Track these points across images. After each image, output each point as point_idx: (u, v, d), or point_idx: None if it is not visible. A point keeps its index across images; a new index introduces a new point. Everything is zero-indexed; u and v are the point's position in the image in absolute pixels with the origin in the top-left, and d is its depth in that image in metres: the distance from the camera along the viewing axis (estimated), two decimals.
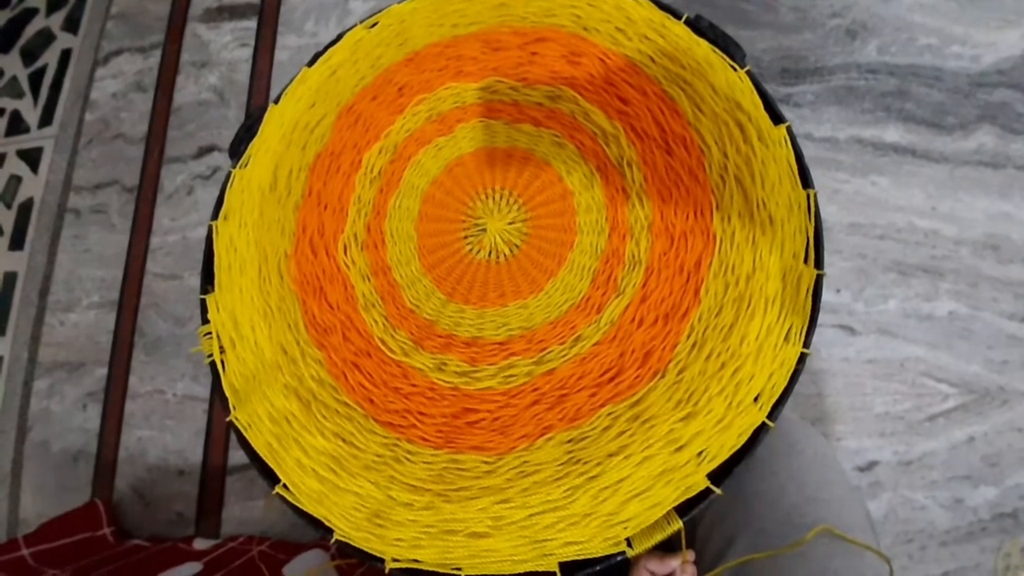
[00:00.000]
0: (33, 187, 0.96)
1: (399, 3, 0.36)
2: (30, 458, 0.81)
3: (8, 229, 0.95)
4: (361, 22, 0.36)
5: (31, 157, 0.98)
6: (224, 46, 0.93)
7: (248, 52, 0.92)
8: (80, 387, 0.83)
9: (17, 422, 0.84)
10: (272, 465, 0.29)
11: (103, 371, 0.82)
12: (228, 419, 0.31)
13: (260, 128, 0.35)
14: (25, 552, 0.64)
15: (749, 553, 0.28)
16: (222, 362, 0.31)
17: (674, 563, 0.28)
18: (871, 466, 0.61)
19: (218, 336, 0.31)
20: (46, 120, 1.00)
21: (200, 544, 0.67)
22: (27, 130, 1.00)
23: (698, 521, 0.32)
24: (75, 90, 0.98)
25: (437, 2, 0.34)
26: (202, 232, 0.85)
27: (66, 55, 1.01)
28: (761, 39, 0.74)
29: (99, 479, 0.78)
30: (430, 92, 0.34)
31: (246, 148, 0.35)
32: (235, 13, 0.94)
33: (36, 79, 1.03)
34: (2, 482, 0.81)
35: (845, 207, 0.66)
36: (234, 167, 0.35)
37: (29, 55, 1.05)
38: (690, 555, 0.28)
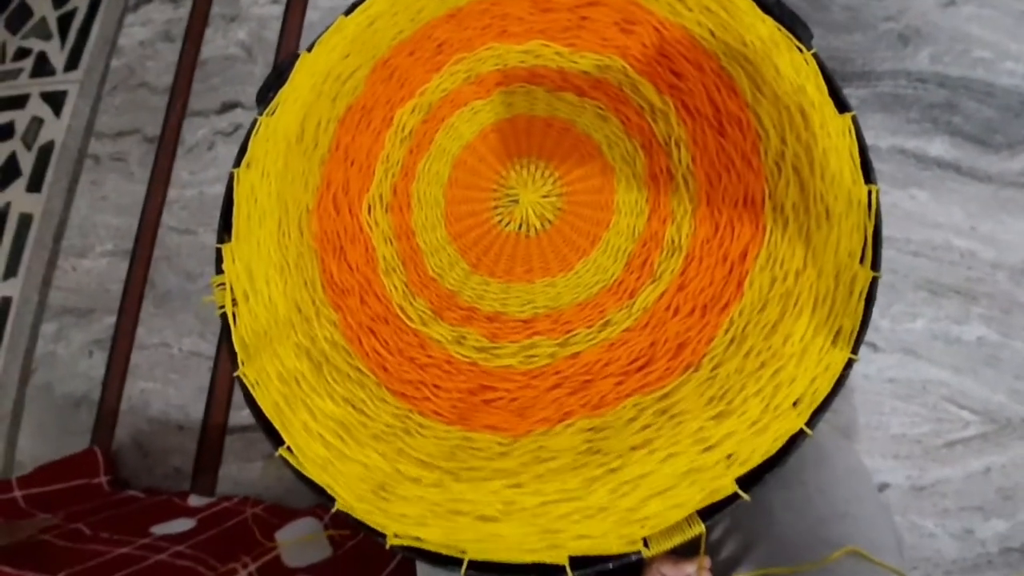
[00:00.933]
0: (54, 130, 0.96)
1: None
2: (32, 400, 0.82)
3: (27, 171, 0.95)
4: None
5: (55, 100, 0.97)
6: (255, 1, 0.91)
7: (279, 9, 0.90)
8: (88, 333, 0.83)
9: (22, 363, 0.85)
10: (278, 426, 0.28)
11: (111, 319, 0.82)
12: (236, 374, 0.30)
13: (291, 76, 0.33)
14: (17, 494, 0.64)
15: (767, 562, 0.26)
16: (234, 315, 0.30)
17: (689, 569, 0.27)
18: (882, 488, 0.59)
19: (231, 288, 0.30)
20: (72, 64, 0.99)
21: (194, 501, 0.67)
22: (52, 72, 0.99)
23: (712, 525, 0.30)
24: (103, 35, 0.97)
25: None
26: (220, 188, 0.84)
27: (96, 1, 1.00)
28: None
29: (100, 427, 0.79)
30: (470, 51, 0.32)
31: (274, 95, 0.34)
32: None
33: (65, 22, 1.02)
34: (0, 421, 0.82)
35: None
36: (260, 114, 0.34)
37: None
38: (707, 561, 0.26)
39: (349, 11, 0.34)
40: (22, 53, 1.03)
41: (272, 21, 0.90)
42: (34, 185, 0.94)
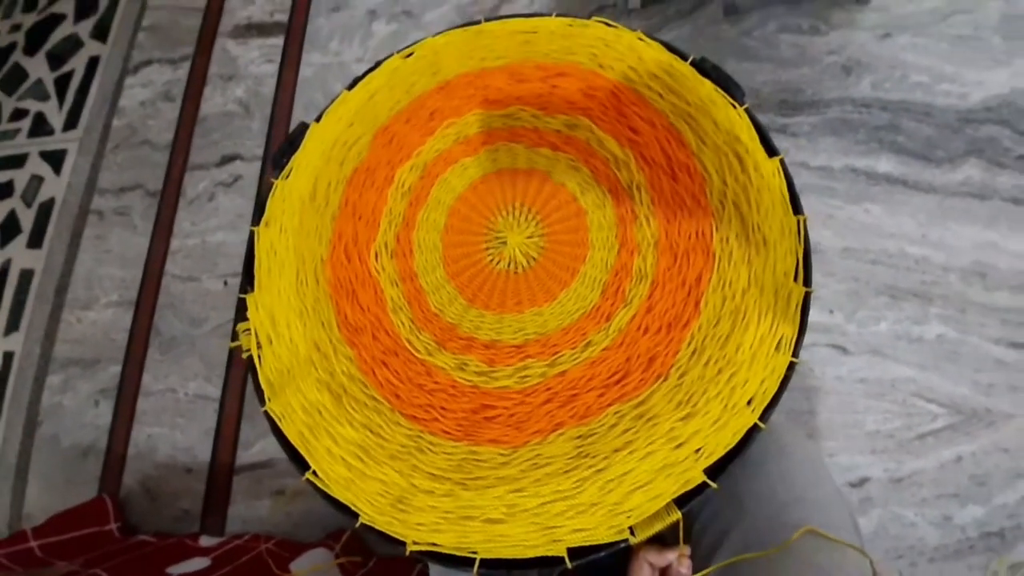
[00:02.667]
0: (55, 188, 0.99)
1: (433, 37, 0.39)
2: (39, 451, 0.83)
3: (27, 227, 0.98)
4: (398, 52, 0.40)
5: (54, 158, 1.01)
6: (251, 61, 0.98)
7: (274, 68, 0.96)
8: (94, 383, 0.85)
9: (26, 415, 0.86)
10: (304, 453, 0.31)
11: (117, 368, 0.84)
12: (263, 409, 0.33)
13: (302, 143, 0.38)
14: (33, 544, 0.65)
15: (741, 547, 0.30)
16: (259, 357, 0.34)
17: (671, 556, 0.30)
18: (862, 482, 0.63)
19: (256, 333, 0.34)
20: (71, 123, 1.04)
21: (206, 541, 0.68)
22: (51, 132, 1.03)
23: (694, 518, 0.34)
24: (102, 96, 1.02)
25: (468, 37, 0.38)
26: (221, 236, 0.89)
27: (94, 62, 1.05)
28: (761, 72, 0.78)
29: (107, 474, 0.80)
30: (459, 117, 0.38)
31: (288, 161, 0.38)
32: (263, 31, 0.99)
33: (62, 83, 1.06)
34: (5, 475, 0.83)
35: (839, 232, 0.70)
36: (276, 178, 0.38)
37: (55, 59, 1.08)
38: (686, 549, 0.30)
39: (351, 86, 0.40)
40: (19, 114, 1.07)
41: (267, 79, 0.96)
42: (35, 241, 0.97)
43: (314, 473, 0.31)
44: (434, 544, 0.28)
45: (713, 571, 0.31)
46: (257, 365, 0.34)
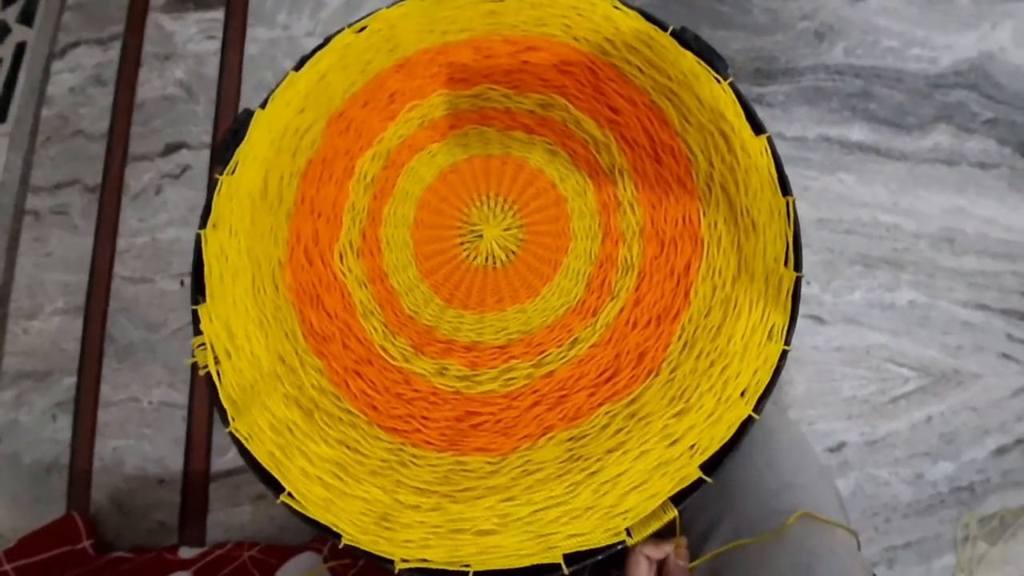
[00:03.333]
0: None
1: (388, 8, 0.35)
2: (1, 470, 0.78)
3: None
4: (349, 26, 0.36)
5: None
6: (190, 38, 0.89)
7: (216, 45, 0.88)
8: (48, 397, 0.79)
9: None
10: (276, 475, 0.29)
11: (72, 380, 0.79)
12: (228, 430, 0.30)
13: (247, 133, 0.34)
14: (7, 567, 0.62)
15: (732, 535, 0.30)
16: (218, 373, 0.31)
17: (668, 548, 0.30)
18: (840, 447, 0.65)
19: (212, 347, 0.31)
20: (0, 117, 0.94)
21: (186, 553, 0.65)
22: None
23: (683, 507, 0.34)
24: (30, 85, 0.92)
25: (427, 8, 0.34)
26: (172, 233, 0.82)
27: (21, 48, 0.95)
28: (735, 40, 0.76)
29: (73, 491, 0.76)
30: (422, 99, 0.34)
31: (232, 154, 0.34)
32: (201, 3, 0.91)
33: None
34: None
35: (814, 203, 0.70)
36: (220, 174, 0.35)
37: None
38: (683, 540, 0.29)
39: (299, 66, 0.36)
40: None
41: (210, 57, 0.88)
42: None
43: (289, 495, 0.29)
44: (424, 560, 0.27)
45: (709, 559, 0.30)
46: (216, 382, 0.31)
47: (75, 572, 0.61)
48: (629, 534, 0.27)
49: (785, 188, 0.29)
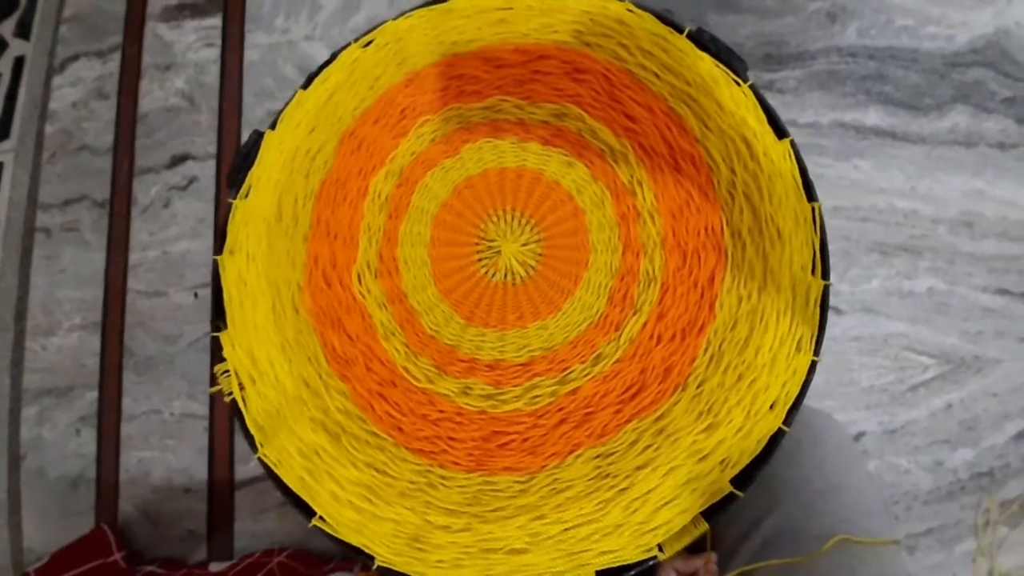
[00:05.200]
0: None
1: (395, 20, 0.35)
2: (28, 486, 0.80)
3: None
4: (355, 40, 0.35)
5: None
6: (189, 46, 0.88)
7: (215, 52, 0.87)
8: (71, 412, 0.81)
9: (8, 451, 0.82)
10: (307, 499, 0.29)
11: (94, 394, 0.80)
12: (256, 456, 0.31)
13: (258, 156, 0.34)
14: None
15: (772, 537, 0.30)
16: (243, 399, 0.31)
17: (698, 563, 0.30)
18: (859, 437, 0.64)
19: (236, 374, 0.31)
20: (3, 133, 0.94)
21: (216, 567, 0.67)
22: None
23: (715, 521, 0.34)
24: (31, 100, 0.92)
25: (434, 18, 0.34)
26: (183, 246, 0.83)
27: (19, 63, 0.94)
28: (743, 24, 0.74)
29: (102, 503, 0.77)
30: (434, 113, 0.34)
31: (244, 177, 0.34)
32: (197, 11, 0.90)
33: None
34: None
35: (829, 192, 0.68)
36: (233, 198, 0.34)
37: None
38: (713, 555, 0.29)
39: (307, 84, 0.35)
40: None
41: (210, 65, 0.87)
42: None
43: (321, 519, 0.29)
44: None
45: (739, 574, 0.30)
46: (243, 408, 0.31)
47: None
48: (661, 549, 0.27)
49: (811, 193, 0.28)
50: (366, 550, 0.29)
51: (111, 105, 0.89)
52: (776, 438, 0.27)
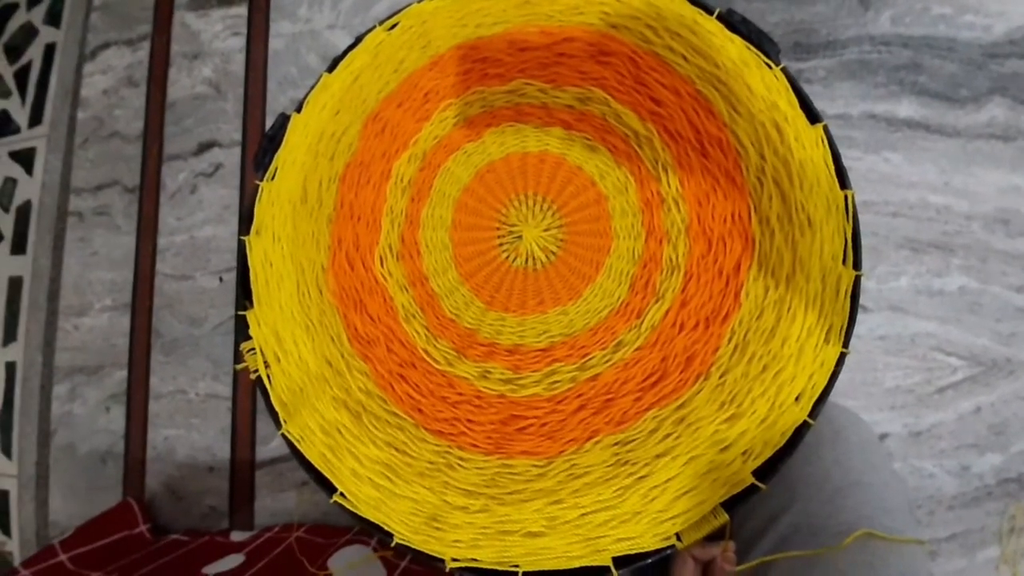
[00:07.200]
0: (29, 189, 0.94)
1: (418, 2, 0.34)
2: (57, 460, 0.83)
3: (8, 233, 0.94)
4: (380, 23, 0.35)
5: (24, 158, 0.96)
6: (215, 35, 0.90)
7: (241, 41, 0.89)
8: (101, 390, 0.84)
9: (38, 425, 0.86)
10: (328, 475, 0.30)
11: (123, 373, 0.83)
12: (280, 432, 0.31)
13: (284, 138, 0.35)
14: (63, 557, 0.66)
15: (790, 533, 0.29)
16: (268, 376, 0.32)
17: (715, 551, 0.29)
18: (883, 438, 0.63)
19: (261, 352, 0.32)
20: (36, 119, 0.97)
21: (237, 536, 0.69)
22: (17, 130, 0.97)
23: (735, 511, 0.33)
24: (63, 87, 0.95)
25: (459, 1, 0.33)
26: (209, 231, 0.85)
27: (50, 50, 0.97)
28: (772, 11, 0.72)
29: (129, 478, 0.80)
30: (457, 97, 0.34)
31: (271, 160, 0.35)
32: (223, 0, 0.91)
33: (22, 76, 0.99)
34: (27, 485, 0.83)
35: (858, 185, 0.66)
36: (260, 180, 0.35)
37: (13, 51, 1.01)
38: (731, 544, 0.29)
39: (332, 68, 0.35)
40: None
41: (235, 54, 0.89)
42: (18, 247, 0.94)
43: (342, 495, 0.30)
44: (474, 560, 0.28)
45: (754, 566, 0.30)
46: (267, 385, 0.32)
47: (133, 556, 0.64)
48: (679, 538, 0.26)
49: (843, 181, 0.28)
50: (385, 527, 0.29)
51: (140, 93, 0.91)
52: (801, 431, 0.26)
